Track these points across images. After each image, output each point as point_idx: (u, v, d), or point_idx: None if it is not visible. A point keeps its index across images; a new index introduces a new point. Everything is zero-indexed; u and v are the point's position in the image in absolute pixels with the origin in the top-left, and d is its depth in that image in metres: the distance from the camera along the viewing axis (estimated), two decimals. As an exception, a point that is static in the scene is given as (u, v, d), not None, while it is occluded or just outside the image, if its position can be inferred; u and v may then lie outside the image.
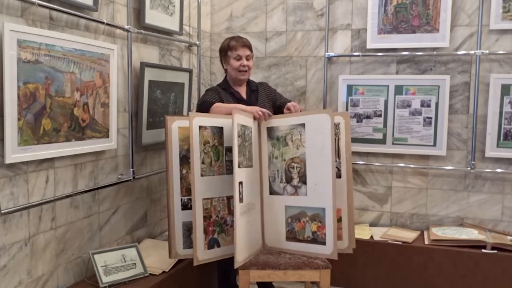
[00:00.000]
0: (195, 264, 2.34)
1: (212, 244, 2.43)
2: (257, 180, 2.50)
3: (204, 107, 2.63)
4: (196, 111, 2.71)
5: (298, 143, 2.41)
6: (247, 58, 2.76)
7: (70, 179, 2.31)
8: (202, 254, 2.38)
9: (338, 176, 2.49)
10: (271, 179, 2.50)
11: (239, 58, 2.75)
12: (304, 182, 2.40)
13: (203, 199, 2.39)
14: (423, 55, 3.22)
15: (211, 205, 2.43)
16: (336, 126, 2.47)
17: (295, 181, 2.43)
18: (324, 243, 2.34)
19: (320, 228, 2.36)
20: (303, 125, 2.40)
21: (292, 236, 2.44)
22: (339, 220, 2.49)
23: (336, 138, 2.48)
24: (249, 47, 2.79)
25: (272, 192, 2.50)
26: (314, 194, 2.37)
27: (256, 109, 2.52)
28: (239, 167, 2.30)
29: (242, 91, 2.84)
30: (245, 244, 2.33)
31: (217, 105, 2.61)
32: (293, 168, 2.43)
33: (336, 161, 2.45)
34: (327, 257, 2.34)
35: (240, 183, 2.30)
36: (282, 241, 2.47)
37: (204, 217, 2.39)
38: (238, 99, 2.78)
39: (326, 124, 2.30)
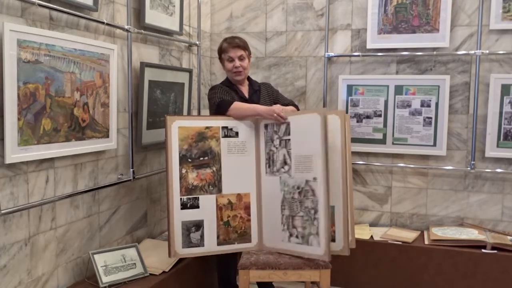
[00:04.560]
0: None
1: None
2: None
3: (223, 106, 2.61)
4: (214, 110, 2.68)
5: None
6: (240, 58, 2.76)
7: (70, 179, 2.31)
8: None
9: None
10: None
11: (231, 60, 2.76)
12: None
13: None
14: (423, 55, 3.22)
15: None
16: None
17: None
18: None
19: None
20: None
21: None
22: None
23: None
24: (242, 47, 2.77)
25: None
26: None
27: (274, 113, 2.50)
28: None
29: (244, 90, 2.86)
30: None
31: (237, 105, 2.61)
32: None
33: None
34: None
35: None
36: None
37: None
38: (241, 97, 2.79)
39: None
